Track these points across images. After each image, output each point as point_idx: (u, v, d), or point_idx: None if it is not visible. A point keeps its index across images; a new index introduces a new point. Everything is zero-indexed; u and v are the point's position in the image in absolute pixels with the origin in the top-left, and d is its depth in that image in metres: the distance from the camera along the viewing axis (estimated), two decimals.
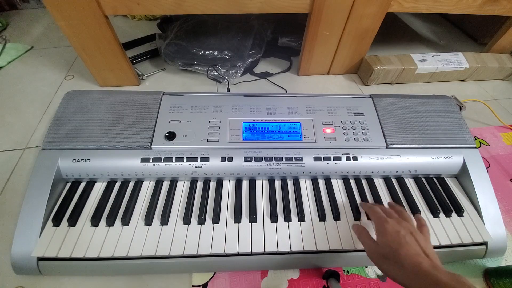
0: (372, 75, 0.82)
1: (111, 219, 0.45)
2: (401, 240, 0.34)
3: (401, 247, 0.34)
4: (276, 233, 0.45)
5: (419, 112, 0.59)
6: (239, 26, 0.87)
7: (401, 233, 0.35)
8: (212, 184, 0.52)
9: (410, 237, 0.35)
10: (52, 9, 0.59)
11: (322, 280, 0.47)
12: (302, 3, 0.67)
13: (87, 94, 0.57)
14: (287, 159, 0.51)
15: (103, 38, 0.66)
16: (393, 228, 0.36)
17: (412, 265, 0.32)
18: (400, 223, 0.37)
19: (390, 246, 0.35)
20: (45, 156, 0.49)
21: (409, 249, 0.33)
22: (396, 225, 0.37)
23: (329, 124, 0.57)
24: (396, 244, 0.34)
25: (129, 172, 0.50)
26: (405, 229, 0.36)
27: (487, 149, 0.70)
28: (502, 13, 0.78)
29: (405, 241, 0.34)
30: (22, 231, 0.43)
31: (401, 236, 0.35)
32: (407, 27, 1.18)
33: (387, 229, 0.36)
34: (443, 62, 0.84)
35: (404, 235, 0.35)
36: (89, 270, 0.44)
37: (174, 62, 0.82)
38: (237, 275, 0.47)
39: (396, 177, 0.55)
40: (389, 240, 0.35)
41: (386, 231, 0.36)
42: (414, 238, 0.35)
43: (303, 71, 0.87)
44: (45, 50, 0.94)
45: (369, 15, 0.72)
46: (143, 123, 0.54)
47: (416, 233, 0.36)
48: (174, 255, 0.43)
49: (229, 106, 0.58)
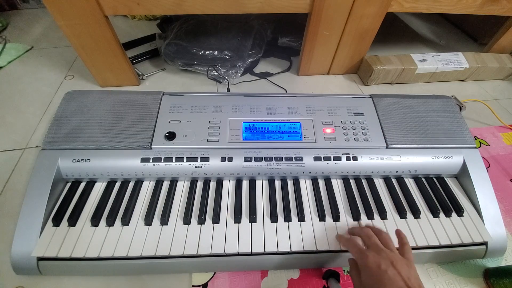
0: (372, 75, 0.82)
1: (111, 219, 0.45)
2: (383, 277, 0.33)
3: (382, 281, 0.33)
4: (276, 233, 0.45)
5: (419, 112, 0.59)
6: (239, 26, 0.88)
7: (382, 268, 0.34)
8: (212, 184, 0.52)
9: (392, 270, 0.34)
10: (52, 9, 0.59)
11: (322, 280, 0.47)
12: (302, 3, 0.67)
13: (87, 94, 0.57)
14: (287, 159, 0.51)
15: (103, 38, 0.66)
16: (374, 262, 0.35)
17: None
18: (380, 253, 0.36)
19: (371, 280, 0.34)
20: (45, 156, 0.49)
21: (389, 283, 0.32)
22: (376, 257, 0.36)
23: (329, 124, 0.57)
24: (378, 282, 0.33)
25: (129, 172, 0.50)
26: (385, 261, 0.35)
27: (487, 149, 0.70)
28: (502, 13, 0.78)
29: (387, 277, 0.33)
30: (22, 231, 0.43)
31: (382, 271, 0.34)
32: (407, 27, 1.18)
33: (368, 265, 0.35)
34: (443, 62, 0.84)
35: (385, 269, 0.34)
36: (89, 270, 0.44)
37: (174, 62, 0.82)
38: (237, 275, 0.47)
39: (396, 177, 0.55)
40: (371, 277, 0.34)
41: (367, 267, 0.35)
42: (395, 271, 0.34)
43: (303, 71, 0.87)
44: (45, 50, 0.94)
45: (369, 15, 0.72)
46: (143, 123, 0.54)
47: (397, 262, 0.35)
48: (174, 255, 0.43)
49: (229, 106, 0.58)
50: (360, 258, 0.37)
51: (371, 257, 0.36)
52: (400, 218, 0.49)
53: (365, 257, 0.36)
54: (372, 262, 0.35)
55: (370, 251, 0.37)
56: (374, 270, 0.34)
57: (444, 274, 0.48)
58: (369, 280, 0.34)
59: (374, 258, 0.36)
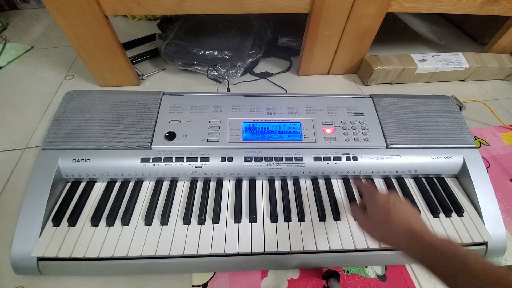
0: (372, 75, 0.82)
1: (111, 219, 0.45)
2: (391, 206, 0.35)
3: (391, 212, 0.35)
4: (276, 233, 0.45)
5: (419, 112, 0.59)
6: (239, 26, 0.87)
7: (391, 200, 0.36)
8: (212, 184, 0.52)
9: (400, 203, 0.36)
10: (52, 9, 0.59)
11: (322, 280, 0.47)
12: (302, 3, 0.67)
13: (87, 94, 0.57)
14: (287, 159, 0.51)
15: (103, 38, 0.66)
16: (383, 198, 0.37)
17: (403, 228, 0.33)
18: (389, 194, 0.38)
19: (380, 213, 0.36)
20: (45, 156, 0.49)
21: (399, 212, 0.34)
22: (386, 195, 0.38)
23: (329, 124, 0.57)
24: (386, 211, 0.35)
25: (129, 172, 0.50)
26: (394, 197, 0.37)
27: (487, 149, 0.70)
28: (502, 13, 0.78)
29: (395, 207, 0.35)
30: (22, 231, 0.43)
31: (390, 203, 0.36)
32: (407, 27, 1.18)
33: (377, 199, 0.38)
34: (443, 62, 0.84)
35: (393, 201, 0.36)
36: (89, 270, 0.44)
37: (174, 62, 0.82)
38: (237, 275, 0.47)
39: (396, 177, 0.55)
40: (379, 208, 0.37)
41: (376, 201, 0.38)
42: (403, 205, 0.36)
43: (303, 71, 0.87)
44: (45, 50, 0.94)
45: (369, 15, 0.72)
46: (143, 123, 0.54)
47: (405, 201, 0.37)
48: (174, 255, 0.43)
49: (229, 106, 0.58)
50: (371, 195, 0.39)
51: (381, 195, 0.38)
52: None
53: (377, 194, 0.39)
54: (381, 198, 0.38)
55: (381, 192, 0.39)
56: (383, 203, 0.37)
57: None
58: (377, 215, 0.36)
59: (384, 196, 0.38)
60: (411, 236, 0.32)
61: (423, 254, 0.30)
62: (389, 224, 0.34)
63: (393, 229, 0.33)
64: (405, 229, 0.33)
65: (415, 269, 0.49)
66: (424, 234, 0.31)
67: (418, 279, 0.47)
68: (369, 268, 0.48)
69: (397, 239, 0.33)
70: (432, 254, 0.29)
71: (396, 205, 0.35)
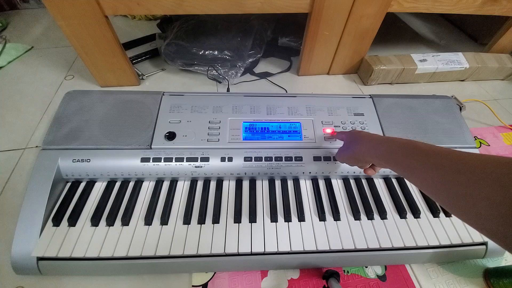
0: (372, 75, 0.82)
1: (111, 219, 0.45)
2: (357, 131, 0.45)
3: (359, 133, 0.43)
4: (276, 233, 0.45)
5: (419, 112, 0.59)
6: (239, 26, 0.87)
7: (357, 129, 0.49)
8: (212, 184, 0.52)
9: (364, 132, 0.44)
10: (52, 9, 0.59)
11: (322, 280, 0.47)
12: (302, 3, 0.67)
13: (87, 94, 0.57)
14: (287, 159, 0.51)
15: (103, 38, 0.66)
16: (352, 130, 0.47)
17: (370, 138, 0.40)
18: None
19: (349, 137, 0.46)
20: (45, 156, 0.49)
21: (365, 133, 0.43)
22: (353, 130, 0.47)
23: (329, 124, 0.57)
24: (354, 134, 0.44)
25: (129, 172, 0.50)
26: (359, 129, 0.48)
27: (487, 149, 0.70)
28: (502, 13, 0.78)
29: (360, 130, 0.47)
30: (22, 231, 0.43)
31: (357, 130, 0.47)
32: (407, 27, 1.18)
33: (348, 132, 0.47)
34: (443, 62, 0.84)
35: (360, 129, 0.49)
36: (89, 270, 0.44)
37: (174, 62, 0.82)
38: (237, 275, 0.47)
39: (396, 177, 0.55)
40: (348, 135, 0.46)
41: (348, 134, 0.47)
42: (366, 132, 0.44)
43: (303, 71, 0.87)
44: (45, 50, 0.94)
45: (369, 15, 0.72)
46: (143, 123, 0.54)
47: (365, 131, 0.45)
48: (174, 255, 0.43)
49: (229, 106, 0.58)
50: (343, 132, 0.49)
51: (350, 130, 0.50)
52: (400, 218, 0.49)
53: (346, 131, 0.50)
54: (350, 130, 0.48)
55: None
56: (353, 132, 0.46)
57: (444, 274, 0.48)
58: (350, 142, 0.45)
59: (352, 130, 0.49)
60: (378, 142, 0.38)
61: (389, 150, 0.35)
62: (359, 140, 0.42)
63: (362, 143, 0.41)
64: (372, 139, 0.39)
65: (415, 269, 0.49)
66: (388, 138, 0.37)
67: (418, 279, 0.48)
68: (369, 268, 0.48)
69: (368, 151, 0.39)
70: (396, 147, 0.34)
71: (362, 132, 0.44)
